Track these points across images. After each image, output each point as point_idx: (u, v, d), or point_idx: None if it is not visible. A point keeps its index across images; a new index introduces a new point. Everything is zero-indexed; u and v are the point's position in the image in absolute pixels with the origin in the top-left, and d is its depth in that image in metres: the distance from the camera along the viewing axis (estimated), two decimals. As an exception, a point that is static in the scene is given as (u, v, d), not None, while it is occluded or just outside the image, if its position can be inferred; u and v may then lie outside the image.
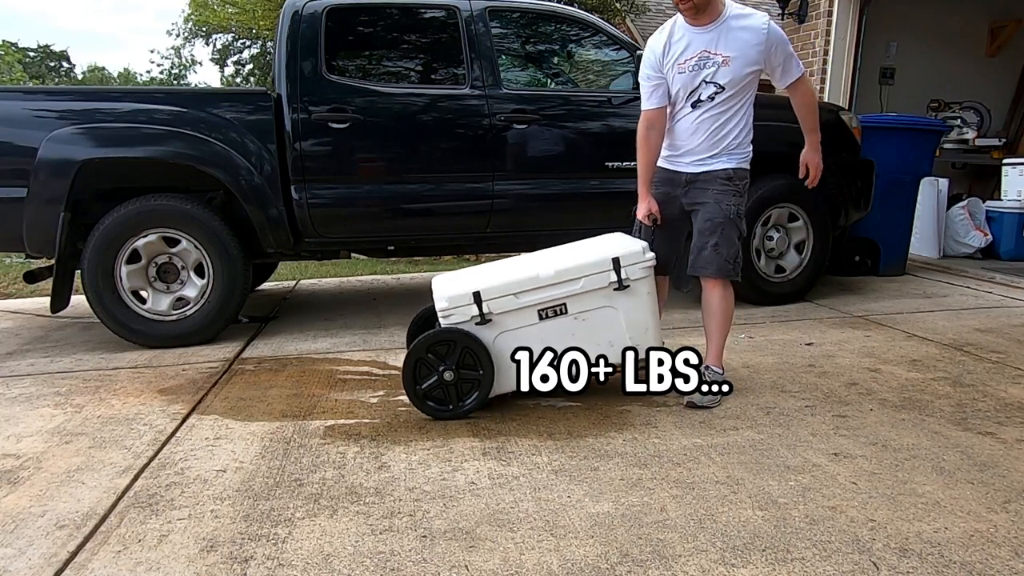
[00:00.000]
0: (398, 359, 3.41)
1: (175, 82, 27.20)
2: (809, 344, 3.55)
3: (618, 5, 12.45)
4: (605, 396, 2.84)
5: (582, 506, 1.98)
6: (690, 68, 2.68)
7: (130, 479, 2.20)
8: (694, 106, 2.72)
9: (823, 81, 6.68)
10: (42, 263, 4.14)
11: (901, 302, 4.48)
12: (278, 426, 2.60)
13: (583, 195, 4.08)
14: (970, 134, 7.08)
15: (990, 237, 6.02)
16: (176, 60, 25.99)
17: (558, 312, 2.65)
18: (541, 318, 2.64)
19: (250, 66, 19.17)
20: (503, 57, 4.23)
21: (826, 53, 6.65)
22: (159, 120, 3.55)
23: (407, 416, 2.68)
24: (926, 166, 5.29)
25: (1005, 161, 6.31)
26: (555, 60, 4.70)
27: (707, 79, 2.67)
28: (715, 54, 2.64)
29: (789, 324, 3.96)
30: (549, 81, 4.62)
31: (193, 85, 27.33)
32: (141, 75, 35.10)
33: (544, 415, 2.66)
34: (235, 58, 19.80)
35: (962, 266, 5.56)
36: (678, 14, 2.70)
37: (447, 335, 2.60)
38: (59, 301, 3.64)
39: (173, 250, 3.65)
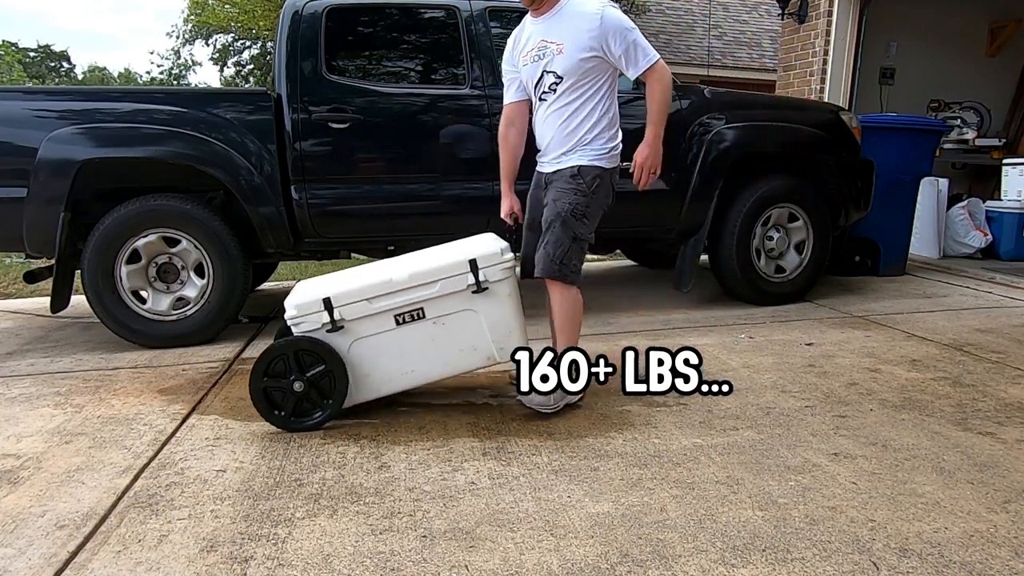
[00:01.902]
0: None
1: (175, 82, 27.20)
2: (809, 344, 3.55)
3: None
4: (605, 396, 2.84)
5: (582, 506, 1.98)
6: (532, 59, 2.62)
7: (130, 479, 2.20)
8: (541, 99, 2.64)
9: (823, 81, 6.68)
10: (42, 263, 4.14)
11: (901, 302, 4.48)
12: (278, 426, 2.60)
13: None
14: (970, 134, 7.08)
15: (990, 237, 6.02)
16: (176, 61, 26.00)
17: (416, 317, 2.58)
18: (398, 323, 2.58)
19: (250, 66, 19.18)
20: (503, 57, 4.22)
21: (826, 53, 6.64)
22: (159, 120, 3.55)
23: (407, 416, 2.68)
24: (926, 166, 5.29)
25: (1005, 161, 6.30)
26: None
27: (546, 68, 2.58)
28: (551, 42, 2.57)
29: (789, 324, 3.96)
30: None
31: (193, 85, 27.33)
32: (141, 76, 35.13)
33: (544, 415, 2.65)
34: (235, 58, 19.82)
35: (962, 266, 5.56)
36: None
37: (297, 344, 2.53)
38: (59, 301, 3.64)
39: (173, 250, 3.65)
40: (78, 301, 3.99)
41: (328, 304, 2.54)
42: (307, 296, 2.60)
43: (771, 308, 4.27)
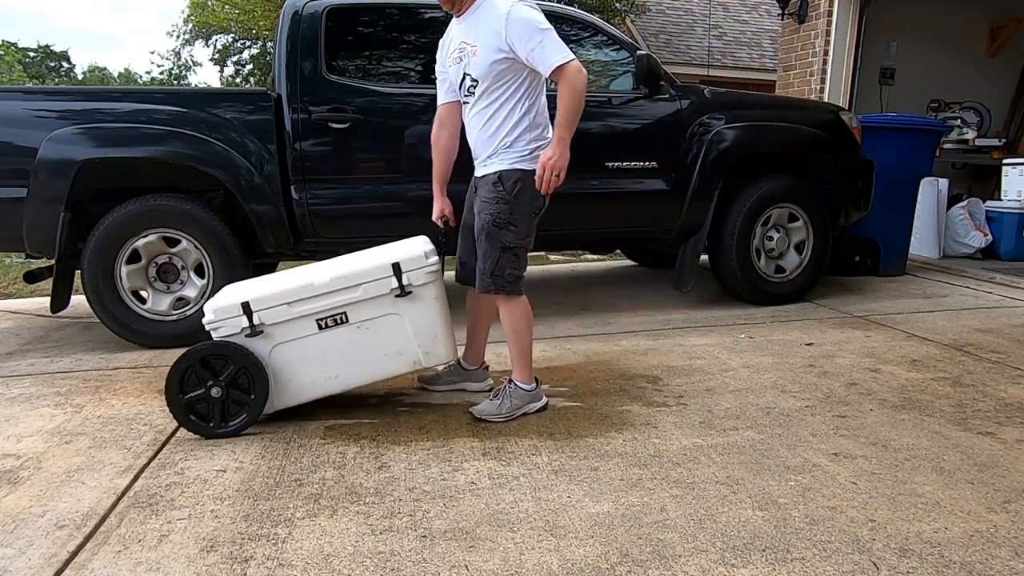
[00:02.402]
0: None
1: (175, 82, 27.21)
2: (809, 344, 3.55)
3: (618, 5, 12.46)
4: (605, 396, 2.84)
5: (582, 506, 1.98)
6: (454, 61, 2.58)
7: (130, 479, 2.20)
8: (465, 101, 2.61)
9: (823, 81, 6.68)
10: (42, 263, 4.14)
11: (901, 302, 4.48)
12: (278, 426, 2.60)
13: (583, 195, 4.07)
14: (970, 134, 7.08)
15: (990, 237, 6.02)
16: (176, 61, 26.01)
17: (339, 321, 2.56)
18: (320, 328, 2.55)
19: (250, 66, 19.18)
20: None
21: (826, 53, 6.64)
22: (159, 120, 3.55)
23: (407, 416, 2.68)
24: (926, 166, 5.29)
25: (1005, 161, 6.30)
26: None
27: (466, 71, 2.55)
28: (468, 44, 2.52)
29: (789, 324, 3.96)
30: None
31: (193, 85, 27.34)
32: (141, 76, 35.14)
33: (544, 415, 2.66)
34: (235, 58, 19.82)
35: (962, 266, 5.56)
36: None
37: (215, 349, 2.50)
38: (59, 301, 3.64)
39: (173, 250, 3.65)
40: (78, 301, 3.99)
41: (247, 308, 2.50)
42: (226, 300, 2.55)
43: (771, 308, 4.27)
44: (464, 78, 2.56)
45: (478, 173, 2.67)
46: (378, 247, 2.83)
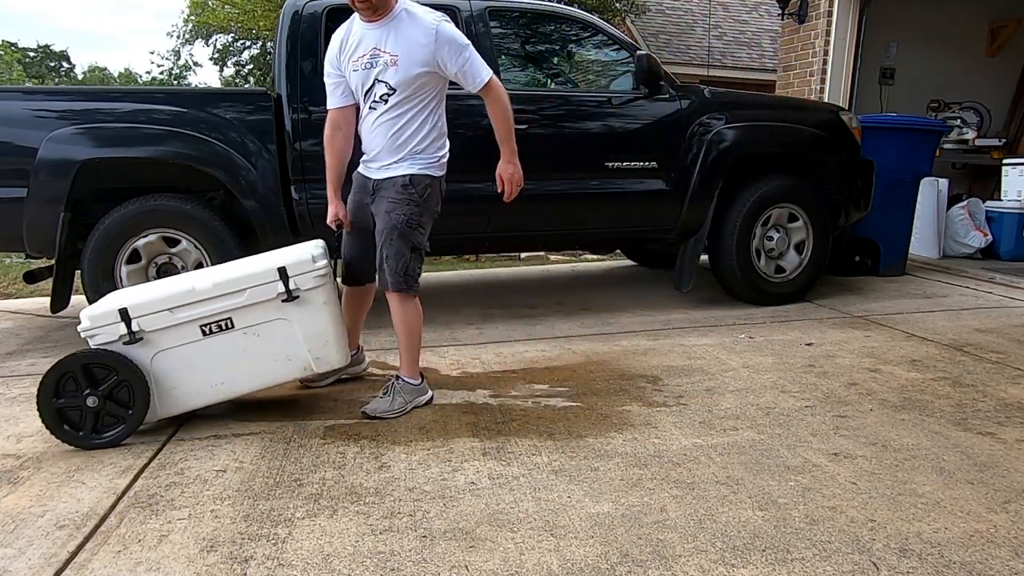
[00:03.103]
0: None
1: (175, 83, 27.20)
2: (809, 344, 3.55)
3: (618, 5, 12.45)
4: (605, 396, 2.84)
5: (582, 506, 1.98)
6: (363, 66, 2.58)
7: (130, 479, 2.21)
8: (372, 107, 2.63)
9: (823, 81, 6.68)
10: (42, 263, 4.14)
11: (901, 302, 4.48)
12: (278, 426, 2.60)
13: (583, 195, 4.08)
14: (970, 134, 7.08)
15: (990, 237, 6.02)
16: (176, 61, 25.99)
17: (224, 327, 2.51)
18: (205, 334, 2.50)
19: (250, 66, 19.17)
20: (503, 57, 4.22)
21: (826, 53, 6.64)
22: (159, 120, 3.55)
23: (407, 416, 2.68)
24: (926, 166, 5.29)
25: (1005, 161, 6.30)
26: (555, 60, 4.70)
27: (378, 77, 2.57)
28: (384, 52, 2.54)
29: (789, 324, 3.96)
30: (549, 81, 4.61)
31: (193, 85, 27.34)
32: (141, 76, 35.14)
33: (544, 415, 2.66)
34: (235, 59, 19.81)
35: (962, 266, 5.56)
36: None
37: (97, 358, 2.44)
38: (59, 301, 3.64)
39: (173, 250, 3.65)
40: (78, 301, 3.99)
41: (125, 315, 2.44)
42: (103, 307, 2.50)
43: (771, 308, 4.27)
44: (375, 84, 2.58)
45: (379, 175, 2.68)
46: (270, 252, 2.81)
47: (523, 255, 7.00)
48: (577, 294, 4.92)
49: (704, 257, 4.30)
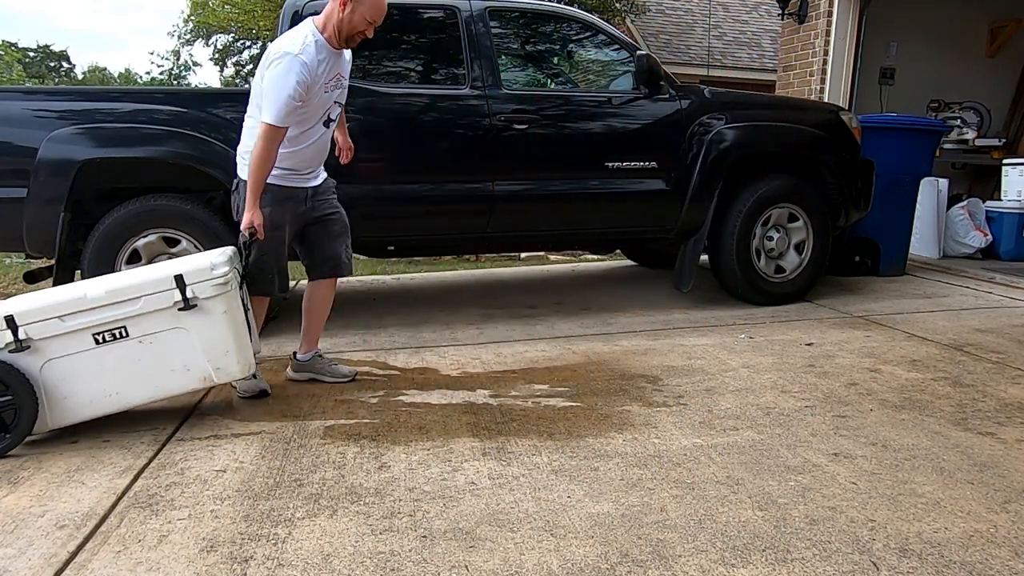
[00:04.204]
0: (398, 359, 3.42)
1: (175, 83, 27.20)
2: (809, 344, 3.55)
3: (618, 5, 12.46)
4: (605, 396, 2.84)
5: (582, 506, 1.98)
6: (331, 87, 2.81)
7: (130, 479, 2.21)
8: (326, 124, 2.87)
9: (823, 81, 6.68)
10: (42, 263, 4.14)
11: (901, 302, 4.48)
12: (278, 426, 2.60)
13: (583, 195, 4.08)
14: (970, 134, 7.08)
15: (990, 237, 6.02)
16: (176, 61, 25.99)
17: (118, 336, 2.45)
18: (98, 342, 2.44)
19: (250, 66, 19.17)
20: (503, 57, 4.22)
21: (826, 53, 6.64)
22: (159, 120, 3.55)
23: (407, 416, 2.68)
24: (926, 166, 5.29)
25: (1005, 161, 6.30)
26: (555, 60, 4.70)
27: (337, 100, 2.87)
28: (343, 77, 2.86)
29: (789, 324, 3.96)
30: (549, 81, 4.62)
31: (193, 86, 27.33)
32: (141, 76, 35.14)
33: (544, 415, 2.66)
34: (235, 59, 19.81)
35: (962, 266, 5.56)
36: (315, 34, 2.70)
37: None
38: (59, 301, 3.63)
39: (173, 250, 3.64)
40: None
41: (11, 322, 2.37)
42: None
43: (771, 308, 4.27)
44: (334, 106, 2.87)
45: (315, 183, 2.94)
46: (175, 259, 2.81)
47: (523, 255, 7.01)
48: (577, 294, 4.92)
49: (704, 257, 4.30)
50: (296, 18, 3.72)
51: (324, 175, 2.99)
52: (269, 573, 1.70)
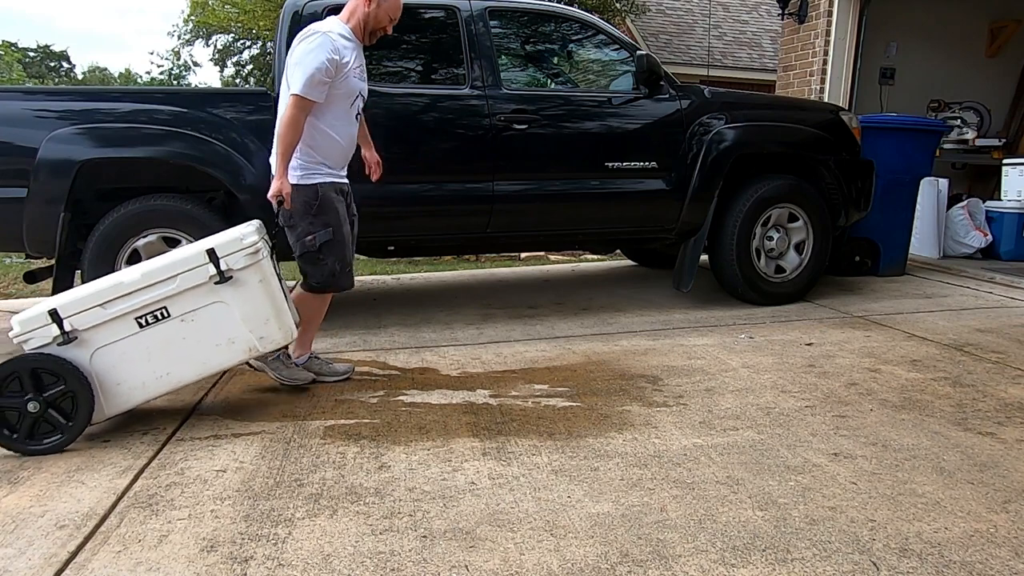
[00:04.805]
0: (398, 359, 3.42)
1: (175, 83, 27.20)
2: (809, 344, 3.55)
3: (618, 5, 12.45)
4: (605, 396, 2.84)
5: (582, 506, 1.98)
6: (358, 77, 2.85)
7: (130, 479, 2.21)
8: (356, 118, 2.93)
9: (823, 81, 6.68)
10: (42, 263, 4.14)
11: (901, 302, 4.48)
12: (278, 426, 2.60)
13: (583, 195, 4.08)
14: (970, 134, 7.07)
15: (990, 237, 6.02)
16: (176, 61, 26.00)
17: (160, 317, 2.48)
18: (142, 326, 2.46)
19: (250, 66, 19.18)
20: (503, 57, 4.22)
21: (826, 53, 6.64)
22: (159, 120, 3.55)
23: (407, 416, 2.68)
24: (926, 166, 5.29)
25: (1005, 161, 6.30)
26: (555, 60, 4.70)
27: (361, 92, 2.91)
28: (365, 73, 2.92)
29: (789, 324, 3.96)
30: (549, 81, 4.62)
31: (193, 86, 27.33)
32: (141, 76, 35.14)
33: (544, 415, 2.66)
34: (235, 59, 19.81)
35: (962, 266, 5.56)
36: (341, 23, 2.82)
37: (45, 363, 2.38)
38: (59, 301, 3.63)
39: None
40: (78, 301, 3.99)
41: (56, 315, 2.40)
42: (33, 310, 2.44)
43: (771, 308, 4.27)
44: (358, 97, 2.90)
45: (346, 179, 3.01)
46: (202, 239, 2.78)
47: (523, 255, 7.01)
48: (577, 294, 4.92)
49: (704, 257, 4.31)
50: (296, 18, 3.72)
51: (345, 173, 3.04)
52: (269, 573, 1.70)
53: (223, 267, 2.51)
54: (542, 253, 6.98)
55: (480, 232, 4.04)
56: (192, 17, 18.61)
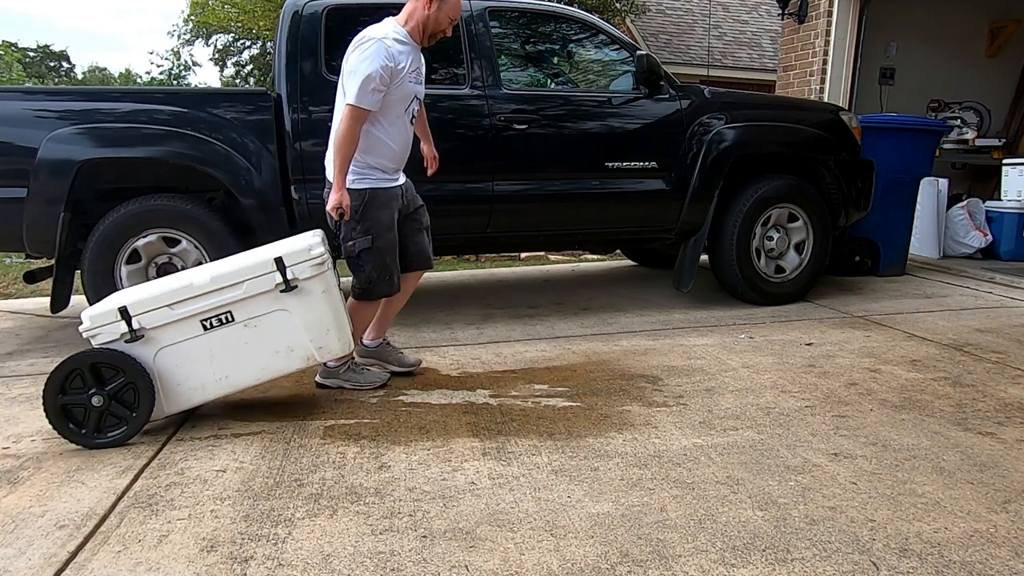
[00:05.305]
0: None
1: (174, 83, 27.20)
2: (809, 344, 3.55)
3: (618, 5, 12.46)
4: (605, 396, 2.84)
5: (582, 506, 1.98)
6: (414, 80, 2.84)
7: (130, 479, 2.20)
8: (411, 121, 2.92)
9: (823, 81, 6.68)
10: (42, 263, 4.14)
11: (901, 302, 4.48)
12: (278, 426, 2.60)
13: (583, 195, 4.08)
14: (970, 134, 7.08)
15: (990, 237, 6.02)
16: (176, 61, 25.99)
17: (224, 320, 2.52)
18: (206, 328, 2.51)
19: (250, 67, 19.17)
20: (503, 57, 4.22)
21: (826, 53, 6.64)
22: (159, 120, 3.55)
23: (407, 416, 2.68)
24: (926, 166, 5.29)
25: (1005, 161, 6.30)
26: (555, 60, 4.70)
27: (417, 95, 2.90)
28: (422, 73, 2.91)
29: (789, 324, 3.96)
30: (549, 81, 4.62)
31: (193, 86, 27.33)
32: (141, 76, 35.14)
33: (544, 415, 2.66)
34: (235, 59, 19.80)
35: (962, 266, 5.56)
36: (397, 26, 2.79)
37: (105, 358, 2.45)
38: (59, 301, 3.64)
39: (173, 250, 3.65)
40: (78, 301, 3.99)
41: (125, 313, 2.45)
42: (103, 306, 2.51)
43: (771, 308, 4.27)
44: (413, 100, 2.89)
45: (404, 179, 3.01)
46: (268, 244, 2.82)
47: (523, 255, 7.00)
48: (577, 294, 4.92)
49: (704, 257, 4.31)
50: (296, 18, 3.73)
51: (404, 175, 3.04)
52: (269, 573, 1.70)
53: (289, 276, 2.54)
54: (542, 253, 6.98)
55: (480, 232, 4.04)
56: (192, 17, 18.60)
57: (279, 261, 2.54)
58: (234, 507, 2.01)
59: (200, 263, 3.65)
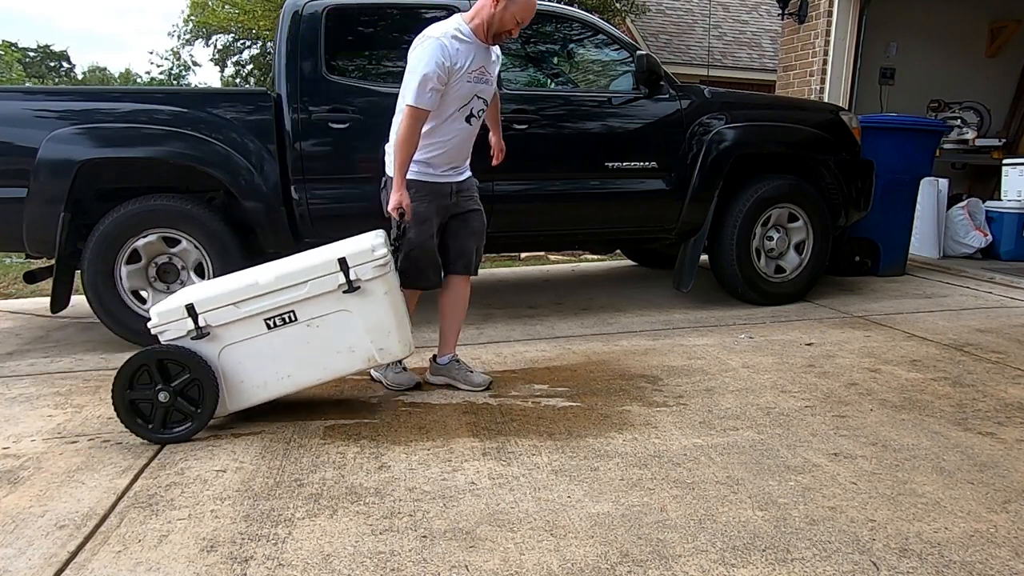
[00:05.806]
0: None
1: (174, 83, 27.20)
2: (809, 344, 3.55)
3: (618, 5, 12.46)
4: (605, 396, 2.84)
5: (582, 506, 1.98)
6: (475, 79, 2.77)
7: (130, 479, 2.21)
8: (468, 120, 2.83)
9: (823, 81, 6.68)
10: (42, 263, 4.14)
11: (901, 302, 4.48)
12: (278, 426, 2.60)
13: (583, 195, 4.08)
14: (970, 134, 7.07)
15: (990, 237, 6.02)
16: (176, 61, 26.00)
17: (288, 319, 2.53)
18: (269, 327, 2.52)
19: (250, 67, 19.18)
20: (503, 57, 4.22)
21: (826, 53, 6.64)
22: (159, 120, 3.55)
23: (407, 416, 2.68)
24: (926, 166, 5.29)
25: (1005, 161, 6.30)
26: (555, 60, 4.70)
27: (478, 94, 2.81)
28: (489, 74, 2.82)
29: (789, 324, 3.96)
30: (549, 81, 4.62)
31: (193, 85, 27.34)
32: (141, 76, 35.15)
33: (544, 415, 2.66)
34: (235, 59, 19.81)
35: (962, 266, 5.56)
36: (460, 24, 2.73)
37: (171, 354, 2.47)
38: (59, 301, 3.63)
39: (173, 250, 3.65)
40: (78, 301, 3.99)
41: (192, 310, 2.47)
42: (171, 303, 2.54)
43: (771, 308, 4.27)
44: (476, 100, 2.80)
45: (459, 179, 2.91)
46: (330, 244, 2.80)
47: (523, 255, 7.00)
48: (577, 294, 4.92)
49: (704, 257, 4.31)
50: (296, 18, 3.73)
51: (468, 173, 2.96)
52: (269, 573, 1.70)
53: (352, 277, 2.53)
54: (542, 253, 6.97)
55: None
56: (192, 17, 18.61)
57: (343, 262, 2.53)
58: (234, 507, 2.01)
59: (200, 263, 3.66)
